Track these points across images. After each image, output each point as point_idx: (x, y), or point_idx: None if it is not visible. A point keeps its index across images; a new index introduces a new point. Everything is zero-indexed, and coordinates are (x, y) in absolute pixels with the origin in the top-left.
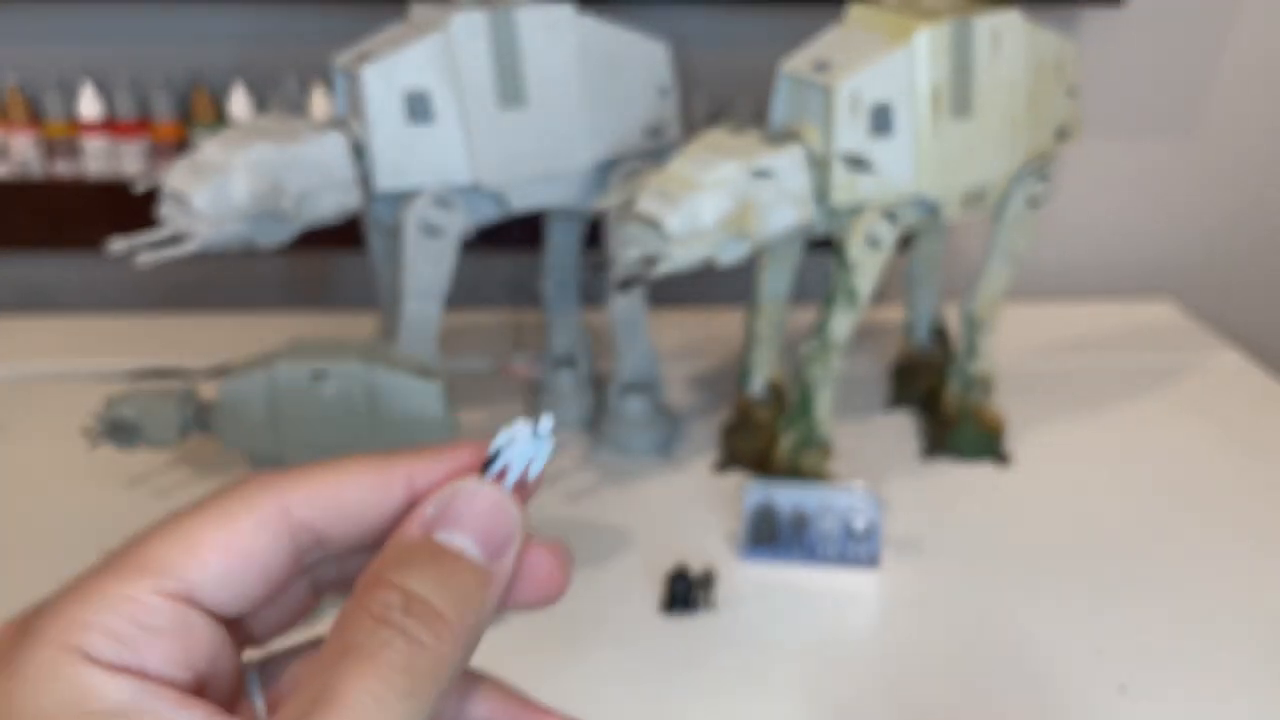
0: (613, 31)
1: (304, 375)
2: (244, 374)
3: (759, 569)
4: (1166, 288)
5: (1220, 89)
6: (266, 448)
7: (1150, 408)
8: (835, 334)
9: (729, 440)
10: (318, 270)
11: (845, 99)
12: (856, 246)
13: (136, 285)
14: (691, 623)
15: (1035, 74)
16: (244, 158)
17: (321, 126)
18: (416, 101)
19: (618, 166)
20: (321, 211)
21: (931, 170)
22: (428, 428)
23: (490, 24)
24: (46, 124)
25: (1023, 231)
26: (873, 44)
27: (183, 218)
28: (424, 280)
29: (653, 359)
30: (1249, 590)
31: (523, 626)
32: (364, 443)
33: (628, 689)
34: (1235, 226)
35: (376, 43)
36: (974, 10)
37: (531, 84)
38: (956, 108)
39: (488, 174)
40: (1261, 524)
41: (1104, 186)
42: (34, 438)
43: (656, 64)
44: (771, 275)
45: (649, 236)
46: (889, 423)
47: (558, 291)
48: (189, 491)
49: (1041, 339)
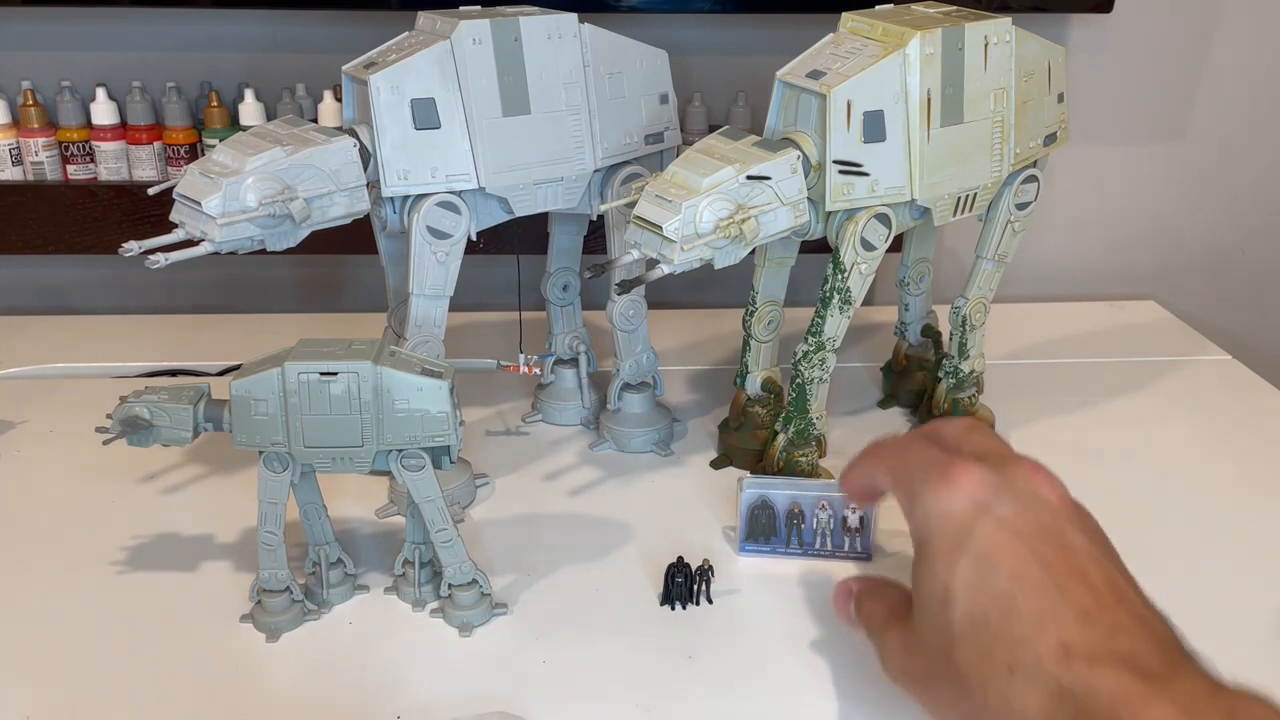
0: (614, 40)
1: (314, 374)
2: (255, 373)
3: (756, 562)
4: (1151, 289)
5: (1205, 95)
6: (277, 446)
7: (1137, 405)
8: (829, 334)
9: (726, 438)
10: (327, 272)
11: (839, 106)
12: (850, 249)
13: (150, 287)
14: (690, 615)
15: (1025, 81)
16: (255, 163)
17: (331, 132)
18: (423, 108)
19: (618, 171)
20: (331, 215)
21: (923, 175)
22: (434, 426)
23: (495, 33)
24: (61, 129)
25: (1012, 234)
26: (866, 52)
27: (195, 221)
28: (431, 281)
29: (652, 359)
30: (1241, 585)
31: (525, 618)
32: (372, 441)
33: (628, 680)
34: (1219, 230)
35: (384, 51)
36: (965, 19)
37: (535, 91)
38: (948, 114)
39: (492, 178)
40: (1250, 518)
41: (1091, 190)
42: (49, 435)
43: (656, 72)
44: (767, 277)
45: (649, 240)
46: (882, 420)
47: (560, 292)
48: (201, 488)
49: (1030, 338)
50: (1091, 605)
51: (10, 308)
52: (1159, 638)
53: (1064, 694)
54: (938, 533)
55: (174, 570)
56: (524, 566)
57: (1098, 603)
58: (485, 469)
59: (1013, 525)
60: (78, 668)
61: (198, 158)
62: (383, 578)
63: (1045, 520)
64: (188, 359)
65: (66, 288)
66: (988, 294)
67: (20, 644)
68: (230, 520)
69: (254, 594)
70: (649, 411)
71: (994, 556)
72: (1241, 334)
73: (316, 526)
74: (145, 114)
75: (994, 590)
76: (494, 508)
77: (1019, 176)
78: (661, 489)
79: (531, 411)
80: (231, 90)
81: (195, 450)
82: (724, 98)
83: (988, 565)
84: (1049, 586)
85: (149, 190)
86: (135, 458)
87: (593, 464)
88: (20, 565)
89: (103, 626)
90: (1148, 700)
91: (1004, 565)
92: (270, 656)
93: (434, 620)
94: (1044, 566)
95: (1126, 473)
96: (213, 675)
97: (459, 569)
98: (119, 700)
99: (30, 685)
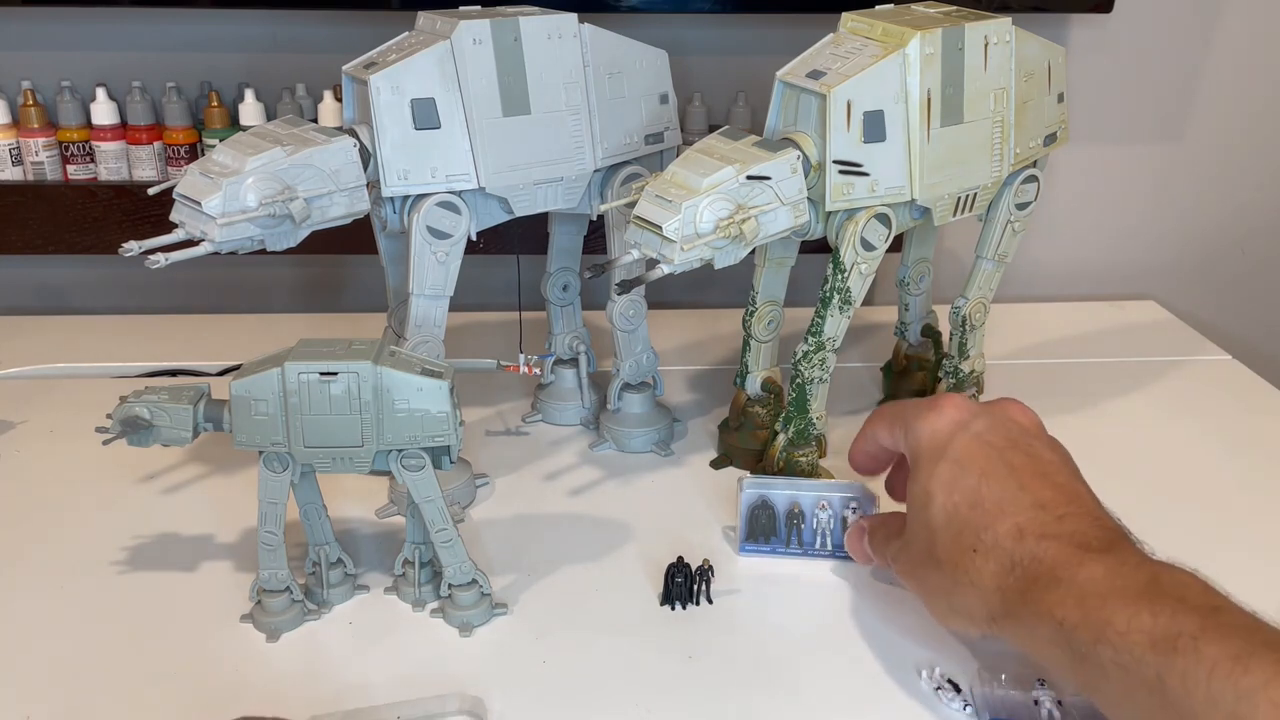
0: (614, 40)
1: (314, 374)
2: (255, 373)
3: (755, 562)
4: (1151, 289)
5: (1205, 95)
6: (277, 446)
7: (1137, 405)
8: (829, 334)
9: (726, 438)
10: (327, 272)
11: (839, 106)
12: (850, 249)
13: (150, 287)
14: (690, 615)
15: (1025, 81)
16: (255, 163)
17: (331, 132)
18: (423, 108)
19: (618, 171)
20: (331, 215)
21: (923, 175)
22: (434, 426)
23: (495, 33)
24: (61, 129)
25: (1012, 234)
26: (866, 52)
27: (195, 221)
28: (431, 281)
29: (652, 359)
30: (1241, 585)
31: (525, 618)
32: (372, 441)
33: (628, 680)
34: (1219, 230)
35: (384, 51)
36: (965, 19)
37: (535, 91)
38: (948, 114)
39: (492, 178)
40: (1250, 518)
41: (1091, 190)
42: (49, 435)
43: (656, 72)
44: (767, 277)
45: (649, 240)
46: None
47: (560, 292)
48: (201, 488)
49: (1030, 338)
50: (1048, 499)
51: (10, 308)
52: (1104, 527)
53: (1015, 564)
54: (924, 449)
55: (174, 570)
56: (524, 566)
57: (1054, 497)
58: (485, 469)
59: (986, 438)
60: (78, 668)
61: (198, 158)
62: (383, 578)
63: (1015, 435)
64: (188, 359)
65: (66, 288)
66: (988, 294)
67: (20, 644)
68: (230, 520)
69: (254, 594)
70: (649, 411)
71: (967, 460)
72: (1241, 334)
73: (316, 526)
74: (145, 114)
75: (965, 487)
76: (494, 508)
77: (1019, 176)
78: (661, 489)
79: (531, 411)
80: (231, 90)
81: (195, 450)
82: (724, 98)
83: (961, 468)
84: (1011, 483)
85: (149, 190)
86: (135, 458)
87: (593, 464)
88: (20, 565)
89: (103, 626)
90: (1083, 563)
91: (975, 466)
92: (270, 656)
93: (434, 620)
94: (1009, 468)
95: (1126, 473)
96: (213, 675)
97: (459, 569)
98: (119, 700)
99: (30, 685)
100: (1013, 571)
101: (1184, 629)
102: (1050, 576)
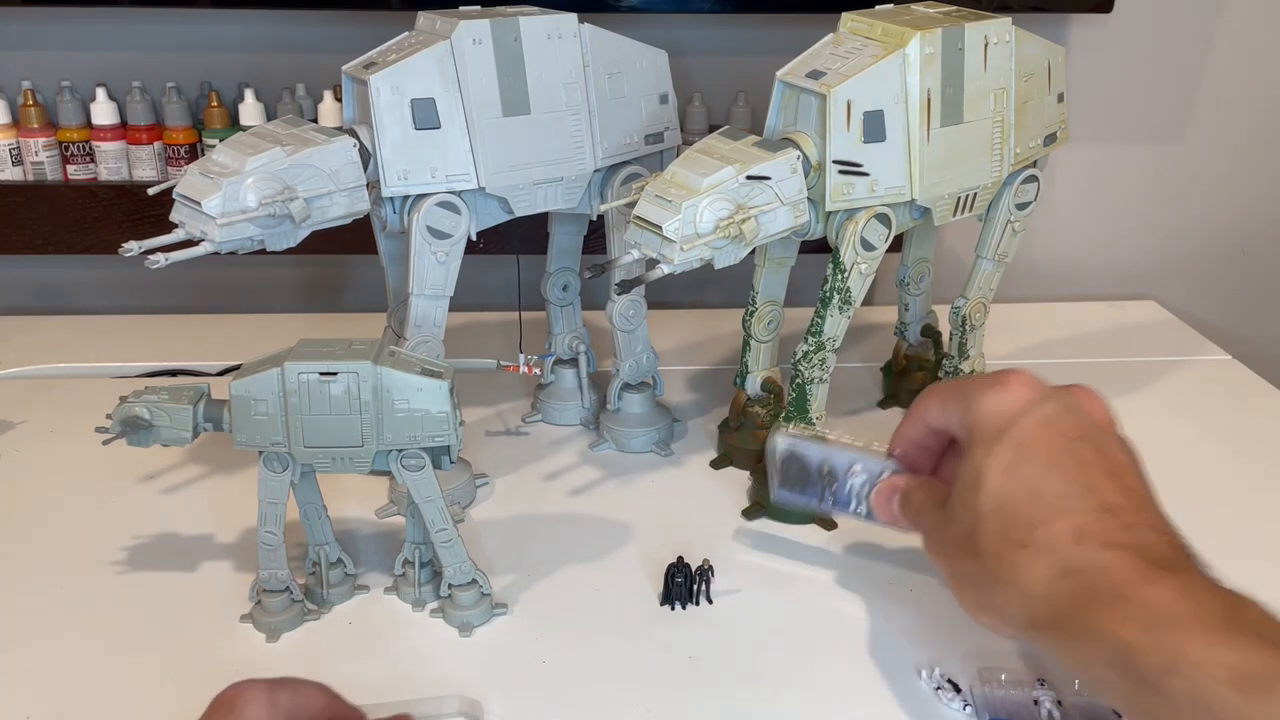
0: (614, 40)
1: (314, 374)
2: (255, 373)
3: (756, 562)
4: (1151, 289)
5: (1205, 95)
6: (277, 446)
7: (1137, 405)
8: (829, 334)
9: (726, 438)
10: (327, 272)
11: (839, 106)
12: (850, 249)
13: (150, 287)
14: (690, 615)
15: (1025, 81)
16: (255, 163)
17: (331, 132)
18: (423, 108)
19: (618, 171)
20: (331, 215)
21: (923, 175)
22: (434, 426)
23: (495, 33)
24: (62, 129)
25: (1012, 234)
26: (866, 52)
27: (195, 221)
28: (431, 281)
29: (652, 359)
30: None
31: (525, 618)
32: (372, 441)
33: (628, 680)
34: (1219, 230)
35: (384, 51)
36: (965, 19)
37: (535, 91)
38: (948, 114)
39: (492, 178)
40: (1251, 517)
41: (1091, 190)
42: (49, 435)
43: (656, 72)
44: (767, 277)
45: (649, 240)
46: (882, 420)
47: (560, 292)
48: (201, 488)
49: (1030, 338)
50: (1117, 503)
51: (10, 308)
52: (1172, 542)
53: (1070, 571)
54: (984, 425)
55: (174, 570)
56: (524, 566)
57: (1124, 502)
58: (485, 469)
59: (1056, 424)
60: (78, 667)
61: (198, 158)
62: (383, 578)
63: (1087, 428)
64: (188, 359)
65: (66, 288)
66: (988, 294)
67: (20, 644)
68: (230, 520)
69: (254, 594)
70: (649, 411)
71: (1031, 446)
72: (1241, 334)
73: (316, 526)
74: (145, 114)
75: (1024, 475)
76: (494, 508)
77: (1019, 176)
78: (661, 489)
79: (531, 411)
80: (231, 90)
81: (195, 450)
82: (724, 98)
83: (1022, 453)
84: (1078, 479)
85: (149, 190)
86: (135, 458)
87: (593, 464)
88: (20, 565)
89: (103, 626)
90: (1151, 581)
91: (1039, 454)
92: (270, 656)
93: (434, 620)
94: (1078, 462)
95: None
96: (213, 675)
97: (459, 569)
98: (119, 700)
99: (30, 685)
100: (1066, 578)
101: (1274, 670)
102: (1114, 592)
